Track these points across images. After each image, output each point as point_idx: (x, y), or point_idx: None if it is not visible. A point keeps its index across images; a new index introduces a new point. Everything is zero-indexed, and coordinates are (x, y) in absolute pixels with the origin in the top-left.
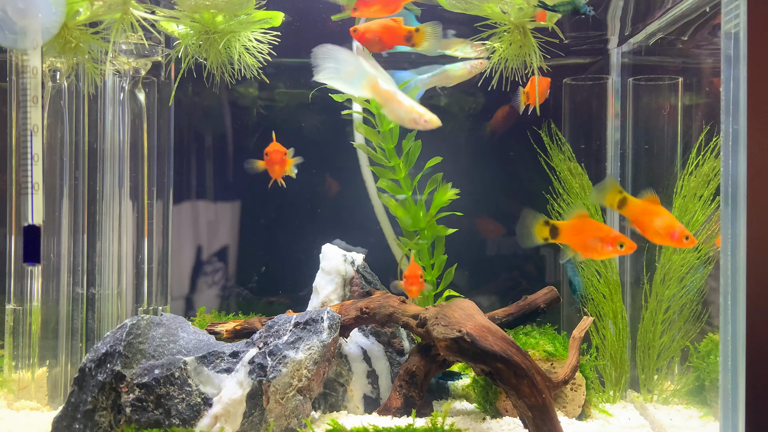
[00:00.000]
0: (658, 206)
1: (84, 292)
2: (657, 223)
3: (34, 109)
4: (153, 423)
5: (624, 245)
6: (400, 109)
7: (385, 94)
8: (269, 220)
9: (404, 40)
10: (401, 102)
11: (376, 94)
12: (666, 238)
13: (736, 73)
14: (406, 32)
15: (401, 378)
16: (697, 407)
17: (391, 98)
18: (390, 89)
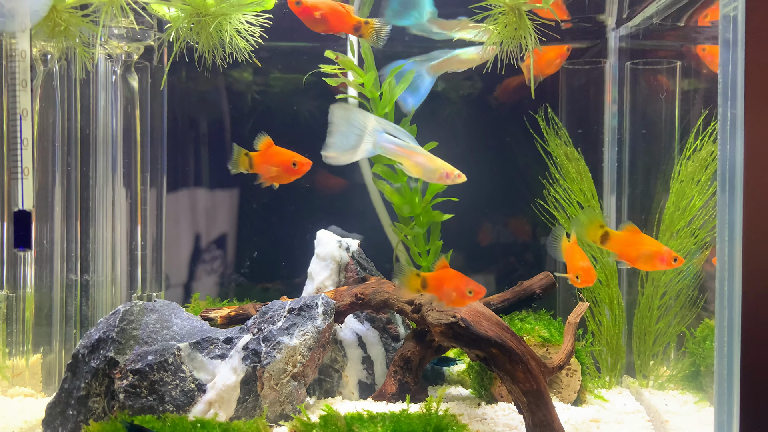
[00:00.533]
0: (640, 235)
1: (78, 278)
2: (644, 253)
3: (23, 93)
4: (147, 409)
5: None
6: (429, 165)
7: (400, 151)
8: (264, 207)
9: (352, 29)
10: (427, 160)
11: (388, 152)
12: (656, 264)
13: (734, 57)
14: (355, 22)
15: (396, 364)
16: (693, 392)
17: (410, 154)
18: (405, 146)
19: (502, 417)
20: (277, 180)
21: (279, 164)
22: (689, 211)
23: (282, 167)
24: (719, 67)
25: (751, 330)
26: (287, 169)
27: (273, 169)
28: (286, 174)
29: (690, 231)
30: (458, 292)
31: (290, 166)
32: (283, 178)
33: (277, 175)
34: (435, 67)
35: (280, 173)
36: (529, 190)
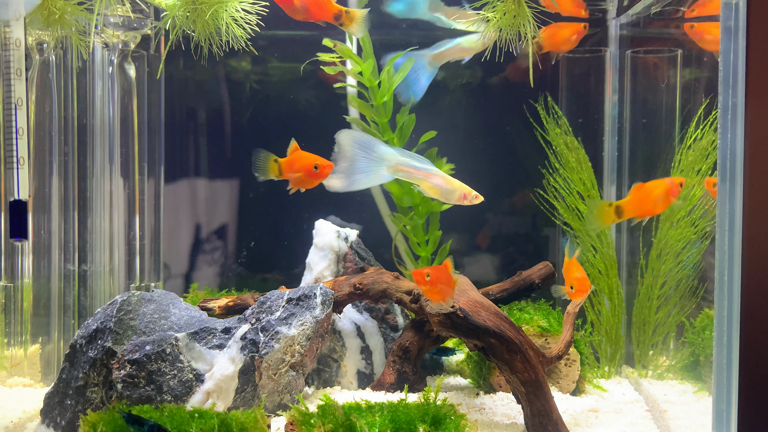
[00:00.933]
0: (644, 187)
1: (75, 269)
2: (657, 199)
3: (18, 82)
4: (144, 399)
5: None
6: (447, 186)
7: (418, 173)
8: (263, 197)
9: (333, 18)
10: (445, 181)
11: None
12: (670, 199)
13: (735, 45)
14: (336, 11)
15: (395, 354)
16: (692, 382)
17: (427, 176)
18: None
19: (501, 407)
20: (302, 185)
21: (302, 168)
22: (690, 201)
23: (305, 171)
24: (720, 56)
25: (751, 320)
26: (310, 173)
27: (298, 175)
28: (309, 178)
29: (690, 221)
30: (305, 168)
31: (312, 169)
32: (307, 182)
33: (302, 180)
34: (437, 57)
35: (304, 177)
36: (528, 180)
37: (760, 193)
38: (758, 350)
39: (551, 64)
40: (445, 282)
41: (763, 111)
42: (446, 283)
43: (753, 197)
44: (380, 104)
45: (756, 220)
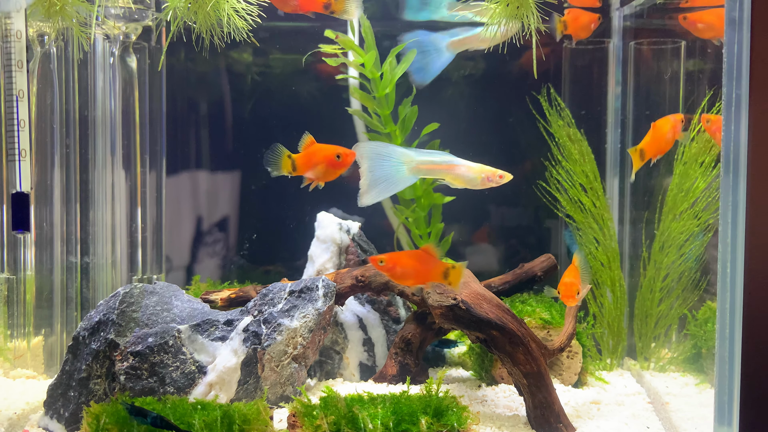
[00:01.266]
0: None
1: (78, 261)
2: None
3: (19, 73)
4: (147, 391)
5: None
6: (470, 173)
7: (439, 167)
8: (265, 189)
9: (322, 7)
10: (466, 168)
11: (427, 172)
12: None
13: (740, 36)
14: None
15: (397, 346)
16: (694, 375)
17: (449, 168)
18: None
19: (503, 399)
20: (323, 178)
21: (323, 161)
22: (693, 193)
23: (326, 163)
24: (724, 47)
25: (753, 312)
26: (332, 164)
27: (319, 168)
28: (332, 169)
29: (693, 213)
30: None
31: (334, 159)
32: (329, 174)
33: (323, 173)
34: (455, 44)
35: (326, 169)
36: (531, 172)
37: (763, 185)
38: (761, 343)
39: (555, 55)
40: (409, 265)
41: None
42: (410, 267)
43: (756, 189)
44: (382, 96)
45: (759, 212)
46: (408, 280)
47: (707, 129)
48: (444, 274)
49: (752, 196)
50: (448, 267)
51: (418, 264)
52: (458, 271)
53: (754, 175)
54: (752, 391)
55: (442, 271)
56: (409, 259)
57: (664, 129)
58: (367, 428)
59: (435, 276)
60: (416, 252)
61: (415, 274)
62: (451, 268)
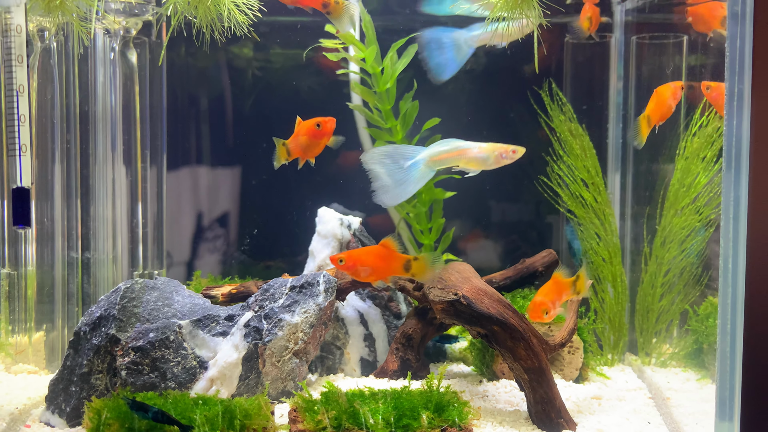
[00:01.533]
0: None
1: (79, 256)
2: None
3: (19, 68)
4: (149, 386)
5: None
6: (483, 153)
7: (452, 155)
8: (266, 184)
9: (321, 6)
10: (478, 149)
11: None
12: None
13: (742, 30)
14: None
15: (398, 341)
16: (695, 370)
17: (462, 153)
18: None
19: (504, 394)
20: (309, 152)
21: (305, 134)
22: (694, 188)
23: (308, 135)
24: (727, 41)
25: (755, 308)
26: (314, 135)
27: (301, 139)
28: (315, 140)
29: (695, 208)
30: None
31: (315, 129)
32: (313, 146)
33: (307, 146)
34: (474, 40)
35: (309, 142)
36: (532, 167)
37: (765, 180)
38: (762, 338)
39: (557, 50)
40: (369, 262)
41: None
42: (371, 263)
43: (758, 184)
44: (383, 91)
45: (761, 208)
46: (370, 277)
47: (708, 96)
48: (405, 267)
49: (754, 191)
50: (410, 259)
51: (378, 260)
52: (421, 263)
53: (756, 170)
54: (753, 386)
55: (402, 264)
56: (369, 255)
57: (665, 95)
58: (368, 423)
59: (396, 269)
60: (375, 247)
61: (376, 269)
62: (413, 260)
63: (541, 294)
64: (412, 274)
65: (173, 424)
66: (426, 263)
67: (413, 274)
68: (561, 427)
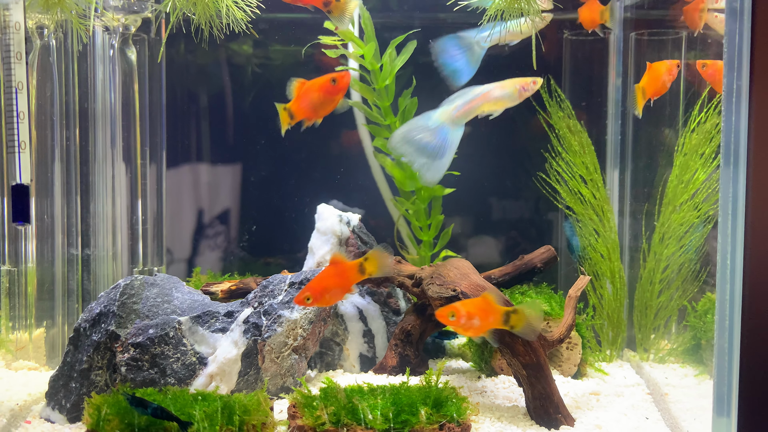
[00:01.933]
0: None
1: (79, 253)
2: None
3: (18, 65)
4: (148, 382)
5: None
6: (506, 90)
7: (475, 103)
8: (265, 181)
9: (322, 4)
10: (499, 88)
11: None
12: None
13: (741, 27)
14: None
15: (397, 337)
16: (693, 366)
17: (485, 97)
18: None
19: (502, 390)
20: (321, 110)
21: (320, 90)
22: (693, 185)
23: (323, 91)
24: (725, 37)
25: (752, 304)
26: (329, 90)
27: (314, 96)
28: (329, 96)
29: (693, 204)
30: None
31: (329, 84)
32: (326, 104)
33: (320, 104)
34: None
35: (323, 98)
36: (531, 164)
37: (764, 176)
38: (759, 334)
39: (556, 47)
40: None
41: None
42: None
43: (757, 180)
44: (382, 87)
45: (759, 204)
46: (334, 299)
47: (703, 74)
48: (360, 270)
49: (753, 187)
50: (362, 262)
51: (337, 278)
52: (372, 261)
53: (754, 167)
54: (751, 382)
55: (357, 269)
56: (328, 278)
57: (660, 70)
58: (366, 419)
59: (354, 278)
60: (328, 268)
61: (340, 287)
62: (364, 260)
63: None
64: (369, 273)
65: (172, 420)
66: (376, 262)
67: (370, 274)
68: (559, 423)
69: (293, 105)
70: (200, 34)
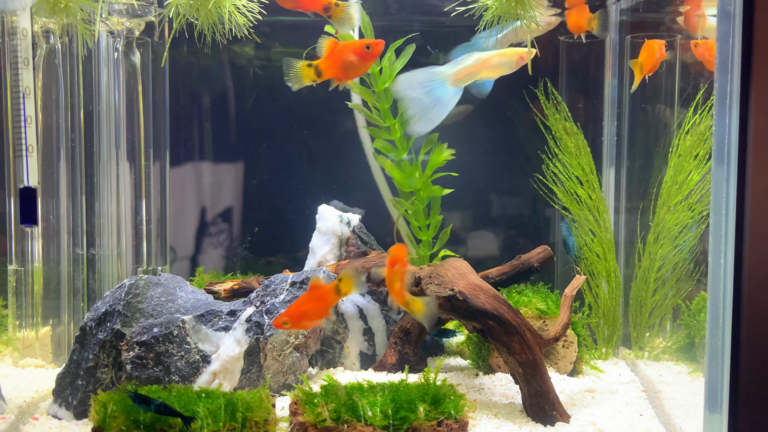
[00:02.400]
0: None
1: (84, 252)
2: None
3: (25, 71)
4: (153, 379)
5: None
6: (503, 60)
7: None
8: (267, 182)
9: (322, 9)
10: (499, 55)
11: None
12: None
13: (733, 29)
14: (326, 2)
15: (396, 335)
16: (687, 363)
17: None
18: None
19: (499, 387)
20: (353, 73)
21: (354, 52)
22: (687, 185)
23: (357, 54)
24: (717, 40)
25: (742, 303)
26: (363, 55)
27: (349, 61)
28: (363, 60)
29: (687, 205)
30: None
31: (364, 50)
32: (358, 67)
33: (353, 65)
34: (499, 40)
35: (357, 61)
36: (528, 165)
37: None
38: (751, 333)
39: (553, 49)
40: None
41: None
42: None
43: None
44: (381, 90)
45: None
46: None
47: (696, 53)
48: (337, 292)
49: (748, 186)
50: (336, 284)
51: (314, 302)
52: (346, 282)
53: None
54: (741, 379)
55: (333, 291)
56: (305, 302)
57: (654, 47)
58: (366, 416)
59: (332, 299)
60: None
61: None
62: (339, 282)
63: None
64: (345, 293)
65: (176, 416)
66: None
67: (345, 293)
68: (554, 420)
69: (323, 62)
70: (203, 38)
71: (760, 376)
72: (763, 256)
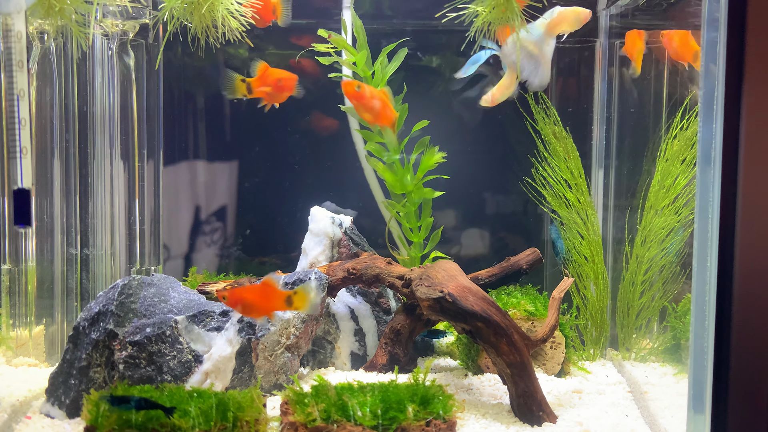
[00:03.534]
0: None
1: (78, 252)
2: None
3: (20, 73)
4: (145, 379)
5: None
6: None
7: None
8: (260, 183)
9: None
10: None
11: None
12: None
13: (719, 35)
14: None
15: (387, 336)
16: (673, 365)
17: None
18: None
19: (488, 387)
20: (272, 98)
21: (272, 82)
22: (674, 190)
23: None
24: (702, 48)
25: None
26: (278, 87)
27: (270, 85)
28: (277, 92)
29: (674, 209)
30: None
31: (277, 83)
32: (275, 95)
33: (272, 94)
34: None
35: (273, 91)
36: (518, 168)
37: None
38: (734, 335)
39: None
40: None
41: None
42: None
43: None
44: None
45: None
46: (254, 313)
47: (664, 43)
48: (287, 302)
49: (743, 194)
50: (290, 294)
51: (260, 298)
52: (301, 295)
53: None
54: (724, 380)
55: (284, 299)
56: (251, 293)
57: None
58: (356, 416)
59: (279, 305)
60: (257, 286)
61: (259, 307)
62: (293, 294)
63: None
64: (296, 307)
65: (156, 409)
66: (306, 293)
67: (296, 307)
68: (542, 420)
69: (255, 82)
70: (197, 41)
71: (743, 377)
72: (749, 258)
